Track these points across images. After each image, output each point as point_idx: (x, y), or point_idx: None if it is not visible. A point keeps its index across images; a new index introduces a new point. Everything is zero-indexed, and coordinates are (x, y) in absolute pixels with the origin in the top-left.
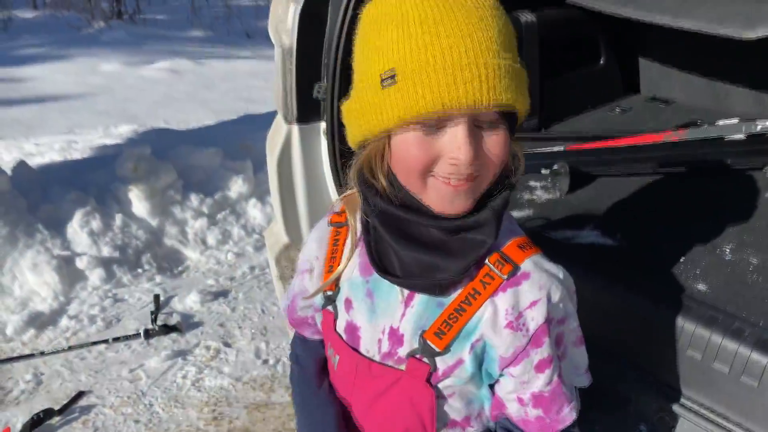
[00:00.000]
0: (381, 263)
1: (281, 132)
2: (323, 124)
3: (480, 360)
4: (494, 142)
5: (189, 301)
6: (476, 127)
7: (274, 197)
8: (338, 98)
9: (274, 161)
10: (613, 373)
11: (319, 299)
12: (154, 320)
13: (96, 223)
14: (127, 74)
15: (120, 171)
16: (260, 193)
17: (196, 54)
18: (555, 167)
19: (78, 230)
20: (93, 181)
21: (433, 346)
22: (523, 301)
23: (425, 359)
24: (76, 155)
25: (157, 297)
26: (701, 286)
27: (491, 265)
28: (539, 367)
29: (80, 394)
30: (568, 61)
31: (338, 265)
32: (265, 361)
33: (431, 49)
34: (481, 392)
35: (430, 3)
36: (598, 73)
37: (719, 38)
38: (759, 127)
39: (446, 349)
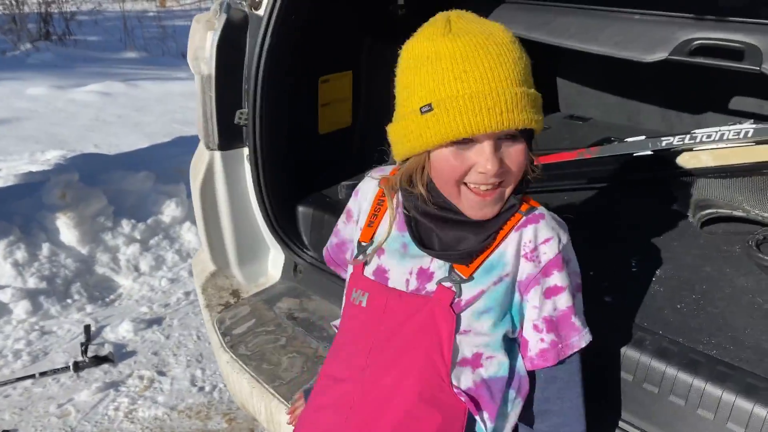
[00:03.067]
0: (422, 240)
1: (203, 159)
2: (246, 150)
3: (501, 301)
4: (515, 152)
5: (121, 330)
6: (499, 140)
7: (199, 224)
8: (260, 124)
9: (197, 189)
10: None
11: (353, 250)
12: (84, 352)
13: (21, 253)
14: (56, 98)
15: (47, 198)
16: (194, 216)
17: (130, 76)
18: None
19: (1, 261)
20: (18, 209)
21: (459, 273)
22: (539, 236)
23: (452, 286)
24: (0, 183)
25: (87, 327)
26: (607, 298)
27: (511, 206)
28: (548, 293)
29: None
30: None
31: (378, 223)
32: (201, 389)
33: (460, 83)
34: (493, 338)
35: (457, 44)
36: None
37: (628, 60)
38: (664, 143)
39: (471, 277)
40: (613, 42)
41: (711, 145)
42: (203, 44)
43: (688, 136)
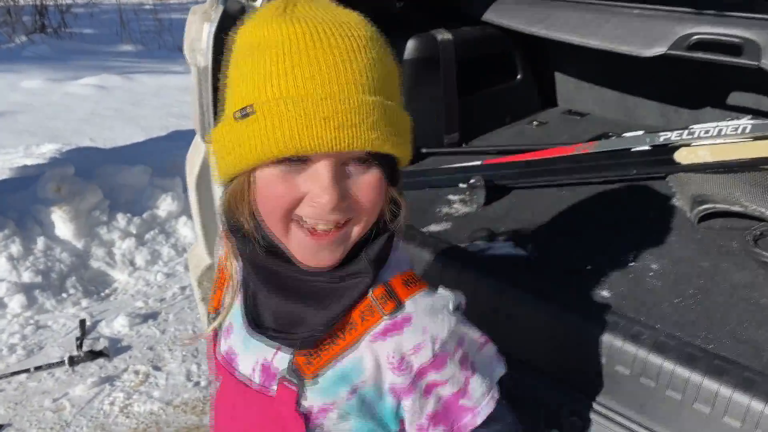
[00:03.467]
0: (255, 317)
1: (199, 152)
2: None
3: (362, 411)
4: (365, 183)
5: (117, 325)
6: (344, 165)
7: (195, 218)
8: None
9: (193, 182)
10: (525, 379)
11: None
12: (79, 346)
13: (15, 247)
14: (51, 91)
15: (42, 192)
16: (190, 211)
17: (125, 69)
18: (472, 181)
19: None
20: (12, 203)
21: (301, 370)
22: (405, 346)
23: (293, 386)
24: None
25: (82, 322)
26: (605, 293)
27: (374, 299)
28: (426, 391)
29: None
30: (487, 78)
31: (224, 285)
32: (197, 384)
33: (289, 79)
34: (374, 420)
35: (292, 30)
36: (516, 89)
37: (627, 54)
38: (662, 138)
39: (315, 380)
40: (612, 37)
41: (709, 141)
42: (200, 36)
43: (686, 131)
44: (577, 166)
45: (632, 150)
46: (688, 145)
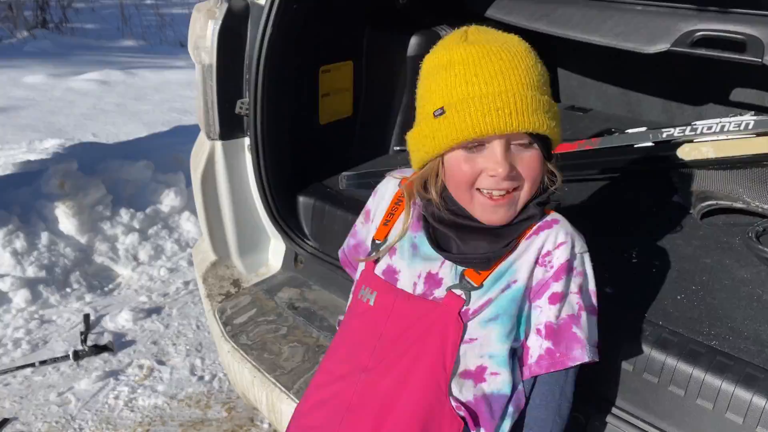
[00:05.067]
0: (439, 245)
1: (204, 149)
2: (247, 140)
3: (509, 309)
4: (527, 158)
5: (121, 320)
6: (512, 146)
7: (200, 214)
8: (261, 114)
9: (198, 178)
10: None
11: (367, 248)
12: (83, 341)
13: (20, 242)
14: (53, 86)
15: (45, 187)
16: (194, 206)
17: (127, 64)
18: None
19: (0, 250)
20: (16, 198)
21: (470, 281)
22: (552, 241)
23: (462, 294)
24: None
25: (86, 316)
26: (608, 289)
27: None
28: (552, 299)
29: (4, 422)
30: None
31: (394, 222)
32: (201, 378)
33: (471, 85)
34: (500, 351)
35: (471, 51)
36: None
37: (630, 51)
38: (665, 135)
39: (482, 285)
40: (615, 33)
41: (712, 137)
42: (204, 33)
43: (689, 127)
44: (580, 163)
45: (635, 146)
46: (690, 142)
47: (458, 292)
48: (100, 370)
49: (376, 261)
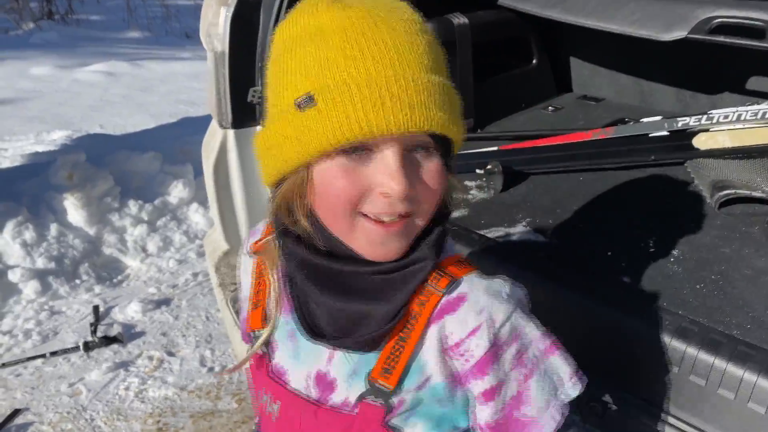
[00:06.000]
0: (310, 323)
1: (216, 137)
2: (259, 128)
3: (431, 403)
4: (431, 170)
5: (130, 311)
6: (409, 152)
7: (212, 203)
8: None
9: (210, 167)
10: None
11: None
12: (93, 332)
13: (29, 234)
14: (60, 77)
15: (54, 179)
16: (202, 197)
17: (133, 55)
18: (489, 166)
19: (10, 242)
20: (25, 190)
21: (384, 385)
22: (460, 329)
23: (378, 402)
24: (6, 163)
25: (96, 308)
26: (627, 279)
27: (428, 283)
28: (484, 396)
29: (16, 412)
30: (502, 63)
31: (264, 301)
32: (211, 369)
33: (354, 63)
34: (447, 411)
35: (349, 14)
36: (531, 74)
37: (643, 39)
38: (680, 124)
39: (398, 386)
40: (631, 20)
41: (728, 126)
42: (216, 20)
43: (705, 116)
44: (594, 152)
45: (650, 135)
46: (707, 131)
47: (375, 401)
48: (110, 362)
49: (269, 359)
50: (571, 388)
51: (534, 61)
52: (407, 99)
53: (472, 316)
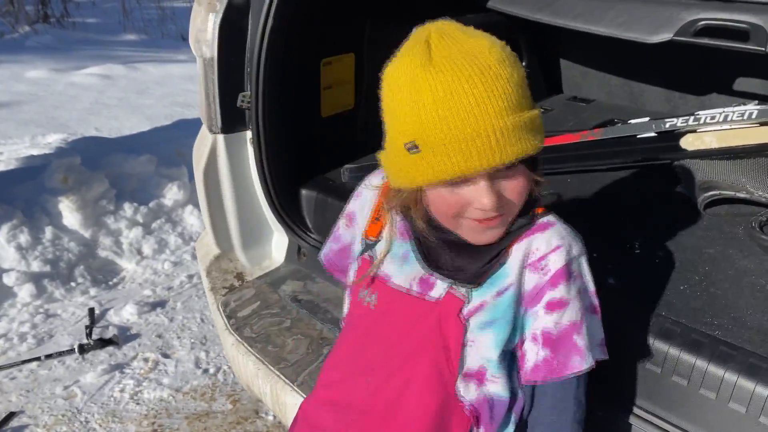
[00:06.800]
0: (428, 258)
1: (206, 142)
2: (249, 133)
3: (505, 314)
4: (513, 185)
5: (125, 313)
6: (496, 173)
7: (203, 208)
8: (263, 107)
9: (200, 172)
10: None
11: (357, 247)
12: (89, 334)
13: (24, 237)
14: (56, 81)
15: (49, 182)
16: (197, 200)
17: (129, 58)
18: None
19: (5, 245)
20: (20, 193)
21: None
22: (546, 244)
23: (463, 292)
24: (1, 167)
25: (91, 310)
26: (611, 280)
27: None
28: (550, 306)
29: (11, 415)
30: None
31: (384, 215)
32: (206, 371)
33: (446, 125)
34: (496, 357)
35: (439, 80)
36: None
37: (632, 41)
38: (668, 125)
39: (481, 285)
40: (618, 23)
41: (715, 127)
42: (205, 26)
43: (692, 117)
44: (582, 153)
45: (638, 137)
46: (694, 131)
47: (458, 291)
48: (105, 364)
49: (372, 262)
50: (600, 353)
51: (524, 63)
52: (489, 147)
53: (556, 239)
